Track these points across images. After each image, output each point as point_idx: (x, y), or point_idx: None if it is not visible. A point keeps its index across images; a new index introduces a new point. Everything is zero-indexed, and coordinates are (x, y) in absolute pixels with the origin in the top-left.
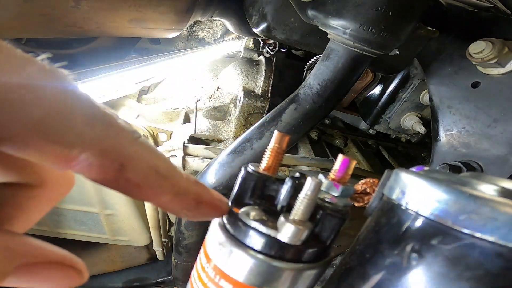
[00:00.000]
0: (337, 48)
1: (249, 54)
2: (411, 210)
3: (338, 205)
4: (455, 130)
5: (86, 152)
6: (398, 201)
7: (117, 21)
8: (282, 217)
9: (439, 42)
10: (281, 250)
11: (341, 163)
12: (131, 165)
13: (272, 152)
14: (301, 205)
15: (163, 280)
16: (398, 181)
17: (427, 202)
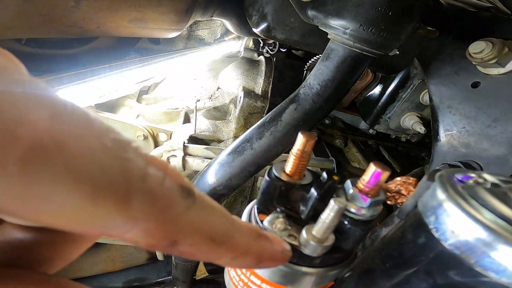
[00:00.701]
0: (337, 48)
1: (249, 54)
2: (439, 236)
3: (363, 218)
4: (455, 130)
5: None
6: (428, 221)
7: (117, 21)
8: (304, 232)
9: (439, 42)
10: (302, 259)
11: (372, 175)
12: (183, 240)
13: (296, 157)
14: (322, 225)
15: (163, 280)
16: (433, 199)
17: (456, 234)
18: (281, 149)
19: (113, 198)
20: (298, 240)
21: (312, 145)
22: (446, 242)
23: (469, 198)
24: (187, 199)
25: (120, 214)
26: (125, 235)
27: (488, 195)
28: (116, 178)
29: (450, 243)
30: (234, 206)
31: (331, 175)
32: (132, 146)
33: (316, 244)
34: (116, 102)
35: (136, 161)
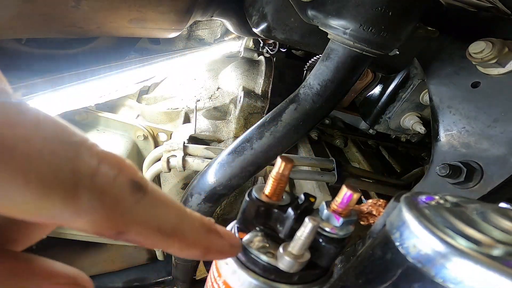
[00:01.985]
0: (337, 48)
1: (249, 54)
2: (403, 251)
3: (337, 236)
4: (455, 130)
5: (76, 222)
6: (394, 238)
7: (117, 21)
8: (281, 249)
9: (439, 42)
10: (279, 275)
11: (344, 196)
12: (130, 230)
13: (275, 179)
14: (298, 242)
15: (163, 280)
16: (398, 217)
17: (418, 248)
18: (281, 149)
19: (60, 193)
20: (275, 256)
21: (290, 168)
22: (409, 256)
23: (429, 216)
24: (137, 194)
25: (67, 207)
26: (72, 224)
27: (447, 213)
28: (64, 176)
29: (412, 257)
30: (234, 206)
31: (308, 197)
32: (85, 146)
33: (292, 260)
34: (116, 102)
35: (87, 160)
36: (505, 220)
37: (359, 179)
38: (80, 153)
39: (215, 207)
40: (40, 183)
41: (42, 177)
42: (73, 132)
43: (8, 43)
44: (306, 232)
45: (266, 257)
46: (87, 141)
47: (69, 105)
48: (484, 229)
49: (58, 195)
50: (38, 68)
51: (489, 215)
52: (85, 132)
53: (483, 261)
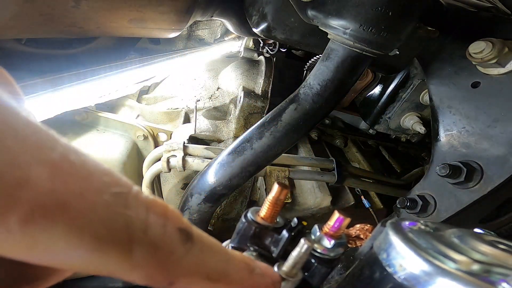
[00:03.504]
0: (337, 48)
1: (249, 54)
2: (390, 270)
3: (328, 257)
4: (455, 130)
5: (130, 276)
6: (381, 259)
7: (117, 21)
8: (275, 268)
9: (439, 42)
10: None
11: (336, 221)
12: (181, 281)
13: (270, 204)
14: (292, 261)
15: None
16: (385, 240)
17: (403, 267)
18: (281, 149)
19: (115, 250)
20: None
21: (285, 194)
22: (396, 275)
23: (413, 239)
24: (186, 243)
25: (122, 263)
26: (127, 277)
27: (429, 237)
28: (118, 232)
29: (399, 276)
30: (234, 206)
31: (300, 221)
32: (132, 195)
33: (286, 279)
34: (116, 102)
35: (137, 212)
36: (480, 243)
37: (359, 179)
38: (129, 204)
39: (215, 207)
40: (95, 239)
41: (96, 233)
42: (119, 179)
43: (8, 43)
44: (301, 252)
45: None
46: (132, 188)
47: (69, 105)
48: (462, 250)
49: (113, 250)
50: (38, 68)
51: (466, 238)
52: (85, 132)
53: (463, 278)
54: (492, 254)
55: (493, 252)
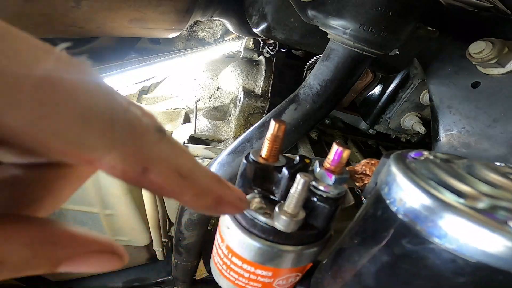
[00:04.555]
0: (337, 48)
1: (249, 54)
2: (392, 207)
3: (330, 194)
4: (455, 130)
5: (108, 156)
6: (383, 195)
7: (117, 21)
8: (277, 208)
9: (439, 42)
10: (277, 236)
11: (335, 154)
12: (153, 168)
13: (270, 141)
14: (292, 200)
15: (163, 280)
16: (387, 174)
17: (403, 201)
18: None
19: (100, 123)
20: (272, 217)
21: (283, 130)
22: (396, 210)
23: (414, 169)
24: (159, 133)
25: (104, 136)
26: (104, 158)
27: (433, 167)
28: (104, 110)
29: (399, 211)
30: None
31: (303, 158)
32: (117, 91)
33: (287, 219)
34: None
35: (120, 99)
36: (493, 173)
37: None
38: (115, 94)
39: None
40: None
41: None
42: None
43: None
44: (298, 189)
45: (264, 217)
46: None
47: None
48: (470, 182)
49: (98, 125)
50: None
51: (477, 169)
52: None
53: (467, 214)
54: (504, 187)
55: (506, 183)
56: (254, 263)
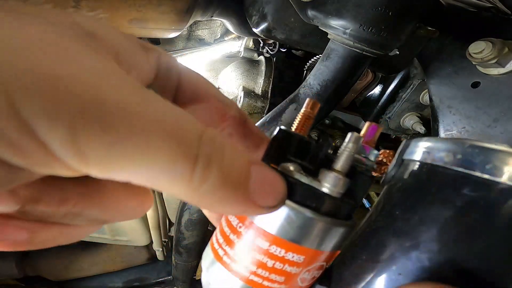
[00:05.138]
0: (337, 48)
1: (249, 54)
2: (442, 166)
3: (367, 167)
4: (455, 130)
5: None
6: (425, 160)
7: (117, 21)
8: (324, 169)
9: (439, 42)
10: (320, 202)
11: (369, 128)
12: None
13: (303, 117)
14: (342, 156)
15: (163, 280)
16: (426, 144)
17: (453, 156)
18: None
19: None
20: (316, 179)
21: (318, 107)
22: (449, 167)
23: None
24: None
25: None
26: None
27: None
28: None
29: (452, 164)
30: None
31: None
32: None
33: (337, 176)
34: None
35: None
36: None
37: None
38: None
39: None
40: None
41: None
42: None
43: None
44: (350, 144)
45: (308, 178)
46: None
47: None
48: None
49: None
50: None
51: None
52: None
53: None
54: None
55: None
56: (289, 242)
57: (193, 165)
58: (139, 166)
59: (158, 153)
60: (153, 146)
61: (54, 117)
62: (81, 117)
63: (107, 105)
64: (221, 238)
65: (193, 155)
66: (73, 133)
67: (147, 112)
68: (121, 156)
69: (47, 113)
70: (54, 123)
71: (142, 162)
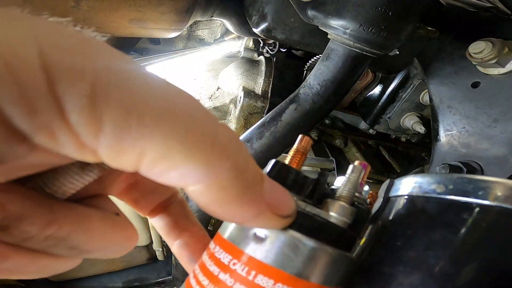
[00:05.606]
0: (337, 48)
1: (249, 54)
2: (435, 197)
3: (364, 201)
4: (455, 130)
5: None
6: (416, 193)
7: (117, 21)
8: (329, 199)
9: (439, 42)
10: (328, 232)
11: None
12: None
13: (296, 152)
14: (347, 186)
15: (163, 280)
16: (413, 181)
17: (445, 187)
18: (281, 149)
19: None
20: (325, 208)
21: (311, 144)
22: (448, 198)
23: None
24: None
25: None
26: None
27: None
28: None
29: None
30: None
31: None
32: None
33: (344, 204)
34: None
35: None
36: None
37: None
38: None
39: None
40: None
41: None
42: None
43: None
44: (354, 174)
45: (314, 208)
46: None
47: None
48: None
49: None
50: None
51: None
52: None
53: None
54: None
55: None
56: (298, 278)
57: (211, 149)
58: (156, 140)
59: (173, 131)
60: (170, 121)
61: (77, 75)
62: (105, 80)
63: (136, 78)
64: (204, 278)
65: (211, 137)
66: (93, 94)
67: (169, 92)
68: (136, 125)
69: (71, 69)
70: (75, 82)
71: (158, 137)
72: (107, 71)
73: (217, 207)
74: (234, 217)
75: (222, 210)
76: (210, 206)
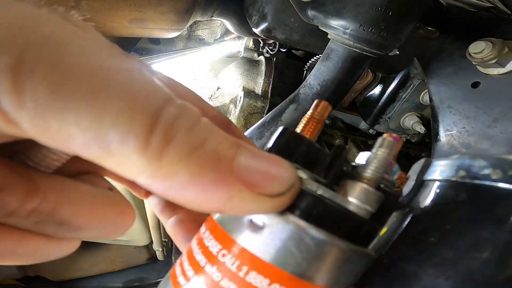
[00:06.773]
0: (337, 48)
1: (249, 54)
2: (489, 185)
3: (394, 182)
4: (455, 130)
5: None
6: (461, 179)
7: (117, 21)
8: (348, 180)
9: (439, 42)
10: (344, 222)
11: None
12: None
13: (311, 120)
14: (372, 163)
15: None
16: (459, 162)
17: (503, 173)
18: None
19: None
20: (337, 191)
21: (330, 111)
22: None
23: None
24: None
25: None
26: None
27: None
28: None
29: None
30: None
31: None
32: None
33: (368, 189)
34: None
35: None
36: None
37: None
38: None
39: None
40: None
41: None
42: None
43: None
44: (383, 149)
45: (328, 190)
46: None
47: None
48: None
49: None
50: None
51: None
52: None
53: None
54: None
55: None
56: (300, 279)
57: (151, 127)
58: (84, 121)
59: (107, 108)
60: (105, 96)
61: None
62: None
63: (66, 49)
64: (189, 268)
65: (151, 117)
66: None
67: (105, 64)
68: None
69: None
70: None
71: (87, 117)
72: (40, 46)
73: (177, 195)
74: (202, 205)
75: (184, 199)
76: (170, 195)
